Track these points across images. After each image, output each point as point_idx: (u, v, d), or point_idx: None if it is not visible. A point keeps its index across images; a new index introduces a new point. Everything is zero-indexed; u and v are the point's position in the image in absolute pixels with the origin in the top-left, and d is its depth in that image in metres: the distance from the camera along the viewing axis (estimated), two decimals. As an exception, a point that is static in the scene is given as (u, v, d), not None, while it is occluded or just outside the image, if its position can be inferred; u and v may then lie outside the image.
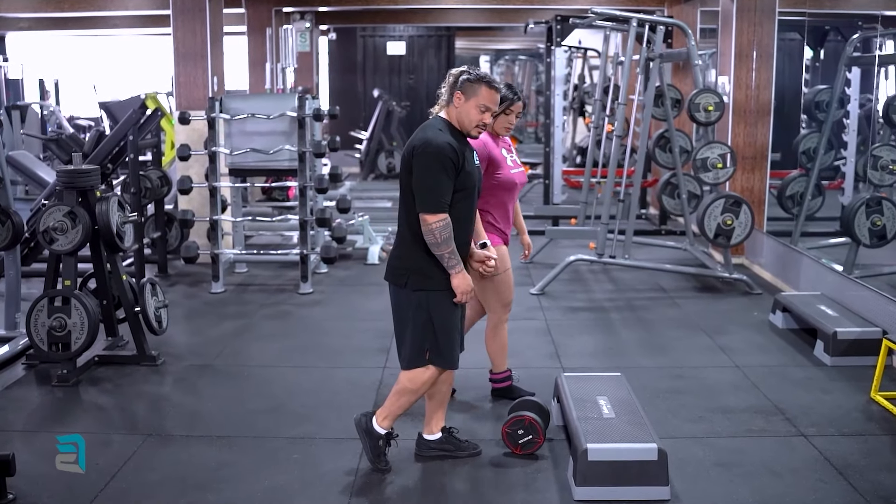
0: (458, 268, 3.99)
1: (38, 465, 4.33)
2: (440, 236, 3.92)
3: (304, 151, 7.71)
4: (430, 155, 3.92)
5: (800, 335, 6.43)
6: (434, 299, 4.05)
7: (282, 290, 7.92)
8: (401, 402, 4.22)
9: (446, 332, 4.10)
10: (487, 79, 4.03)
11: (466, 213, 4.10)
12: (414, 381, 4.16)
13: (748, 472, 4.26)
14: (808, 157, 9.00)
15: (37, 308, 5.50)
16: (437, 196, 3.92)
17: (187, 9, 8.59)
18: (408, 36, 18.04)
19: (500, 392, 5.27)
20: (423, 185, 3.94)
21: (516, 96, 4.95)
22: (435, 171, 3.92)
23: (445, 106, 4.11)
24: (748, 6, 8.41)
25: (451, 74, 4.09)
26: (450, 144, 3.94)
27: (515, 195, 5.05)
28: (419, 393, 4.21)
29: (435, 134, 3.97)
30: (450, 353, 4.14)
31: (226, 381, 5.60)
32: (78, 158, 5.83)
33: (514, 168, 4.99)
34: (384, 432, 4.25)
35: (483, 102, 4.00)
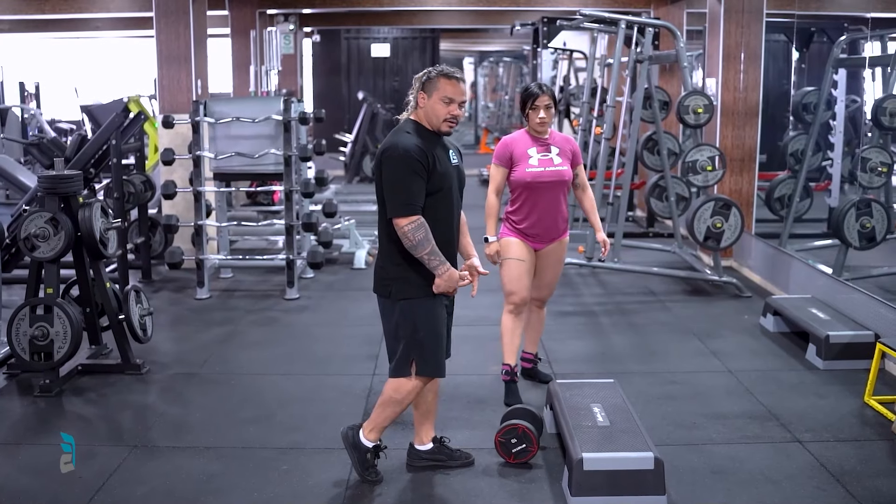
0: (442, 267, 3.90)
1: (20, 479, 4.25)
2: (415, 238, 3.83)
3: (289, 155, 7.62)
4: (396, 158, 3.85)
5: (791, 339, 6.39)
6: (419, 307, 3.98)
7: (268, 295, 7.83)
8: (386, 414, 4.15)
9: (432, 341, 4.03)
10: (444, 71, 3.98)
11: (445, 213, 4.01)
12: (399, 391, 4.08)
13: (745, 480, 4.21)
14: (795, 158, 8.99)
15: (18, 316, 5.39)
16: (407, 198, 3.84)
17: (170, 11, 8.48)
18: (392, 38, 17.98)
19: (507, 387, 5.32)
20: (391, 189, 3.87)
21: (540, 90, 4.98)
22: (403, 174, 3.84)
23: (413, 109, 4.05)
24: (736, 7, 8.37)
25: (415, 79, 4.05)
26: (417, 146, 3.86)
27: (543, 192, 5.03)
28: (404, 403, 4.13)
29: (401, 137, 3.90)
30: (436, 361, 4.07)
31: (212, 390, 5.50)
32: (60, 164, 5.73)
33: (537, 167, 4.99)
34: (371, 445, 4.18)
35: (445, 95, 3.92)
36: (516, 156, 5.04)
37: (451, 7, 13.27)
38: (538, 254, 5.17)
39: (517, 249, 5.09)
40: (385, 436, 4.62)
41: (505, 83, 22.33)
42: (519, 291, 5.12)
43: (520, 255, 5.09)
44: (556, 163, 5.03)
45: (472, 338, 6.31)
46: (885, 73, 8.02)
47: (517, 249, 5.09)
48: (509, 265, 5.10)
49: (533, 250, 5.14)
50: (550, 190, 5.03)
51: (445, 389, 5.24)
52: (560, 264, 5.30)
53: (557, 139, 5.13)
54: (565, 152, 5.09)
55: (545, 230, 5.10)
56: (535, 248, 5.14)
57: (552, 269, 5.26)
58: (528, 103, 4.99)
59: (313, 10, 13.06)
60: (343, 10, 12.97)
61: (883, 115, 7.30)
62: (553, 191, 5.04)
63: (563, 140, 5.16)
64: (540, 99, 4.94)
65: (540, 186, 5.00)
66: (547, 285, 5.32)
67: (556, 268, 5.29)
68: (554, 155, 5.05)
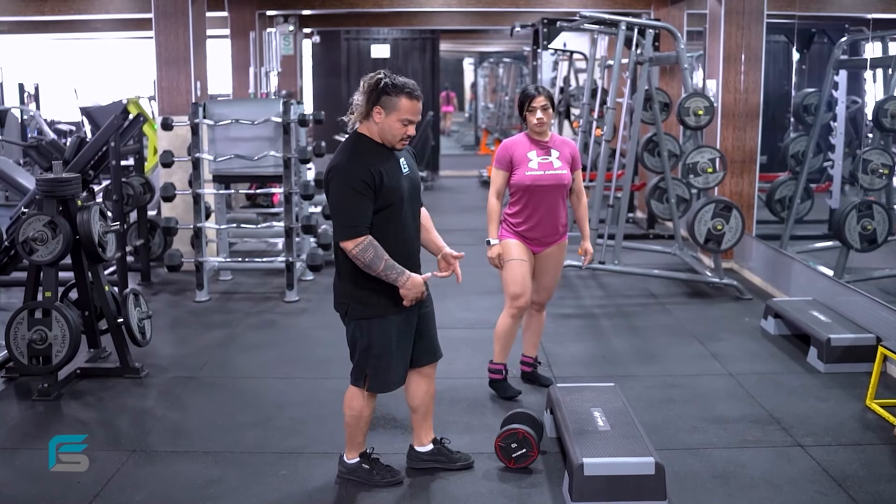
0: (402, 278, 3.80)
1: (18, 484, 4.22)
2: (365, 259, 3.74)
3: (289, 157, 7.59)
4: (339, 179, 3.74)
5: (792, 341, 6.37)
6: (374, 327, 3.94)
7: (267, 298, 7.80)
8: (351, 430, 4.15)
9: (387, 358, 3.99)
10: (407, 89, 3.77)
11: (400, 227, 3.90)
12: (353, 408, 4.09)
13: (746, 485, 4.19)
14: (796, 160, 8.96)
15: (16, 320, 5.37)
16: (351, 221, 3.74)
17: (170, 13, 8.46)
18: (392, 39, 17.92)
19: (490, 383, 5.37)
20: (336, 212, 3.78)
21: (537, 91, 4.97)
22: (345, 196, 3.73)
23: (363, 119, 3.86)
24: (736, 9, 8.35)
25: (367, 83, 3.80)
26: (362, 164, 3.73)
27: (543, 196, 5.01)
28: (364, 416, 4.10)
29: (343, 158, 3.76)
30: (386, 379, 4.04)
31: (211, 394, 5.48)
32: (58, 166, 5.70)
33: (536, 170, 4.97)
34: (358, 460, 4.18)
35: (405, 116, 3.77)
36: (516, 159, 5.03)
37: (451, 8, 13.24)
38: (537, 257, 5.16)
39: (518, 250, 5.08)
40: (384, 440, 4.63)
41: (505, 84, 22.32)
42: (524, 294, 5.10)
43: (521, 255, 5.08)
44: (555, 166, 5.02)
45: (472, 340, 6.30)
46: (886, 74, 8.00)
47: (518, 250, 5.08)
48: (512, 266, 5.08)
49: (532, 253, 5.13)
50: (550, 193, 5.01)
51: (445, 393, 5.24)
52: (559, 268, 5.29)
53: (557, 142, 5.11)
54: (565, 156, 5.08)
55: (544, 233, 5.09)
56: (533, 251, 5.13)
57: (551, 272, 5.24)
58: (525, 105, 4.98)
59: (313, 11, 13.02)
60: (343, 11, 12.93)
61: (884, 116, 7.27)
62: (552, 194, 5.02)
63: (562, 143, 5.14)
64: (536, 100, 4.93)
65: (539, 190, 4.99)
66: (546, 288, 5.29)
67: (555, 271, 5.27)
68: (554, 158, 5.03)
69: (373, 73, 3.85)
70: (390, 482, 4.17)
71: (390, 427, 4.87)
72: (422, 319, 4.09)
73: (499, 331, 5.25)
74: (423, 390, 4.25)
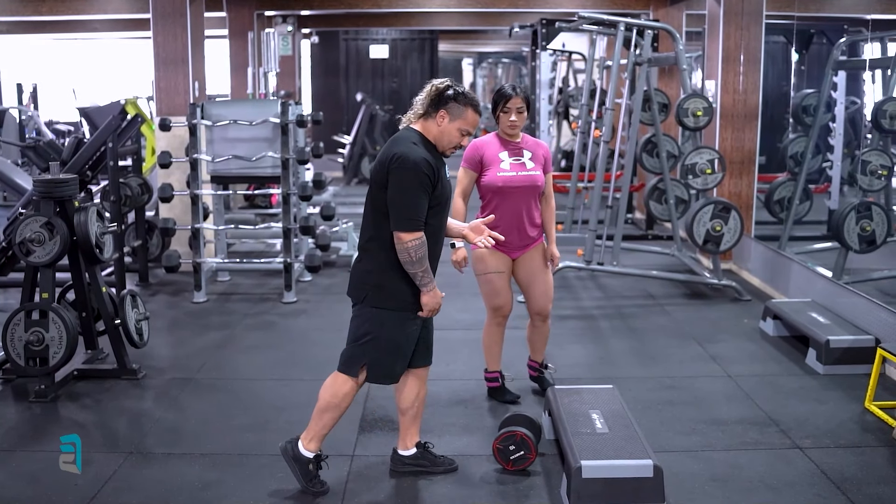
0: (431, 286, 3.89)
1: (14, 487, 4.21)
2: (415, 255, 3.80)
3: (287, 158, 7.58)
4: (407, 171, 3.77)
5: (791, 343, 6.36)
6: (390, 319, 3.95)
7: (265, 299, 7.79)
8: (325, 421, 4.09)
9: (392, 353, 4.01)
10: (475, 102, 3.93)
11: (439, 226, 4.00)
12: (336, 395, 4.05)
13: (745, 488, 4.18)
14: (795, 161, 8.96)
15: (13, 321, 5.35)
16: (414, 214, 3.79)
17: (168, 13, 8.44)
18: (391, 39, 17.93)
19: (488, 391, 5.33)
20: (399, 203, 3.80)
21: (514, 91, 4.84)
22: (412, 189, 3.78)
23: (422, 118, 3.94)
24: (735, 10, 8.34)
25: (435, 87, 3.93)
26: (426, 160, 3.81)
27: (515, 198, 4.88)
28: (342, 407, 4.08)
29: (410, 149, 3.82)
30: (390, 371, 4.06)
31: (209, 396, 5.46)
32: (56, 167, 5.69)
33: (508, 171, 4.86)
34: (312, 456, 4.11)
35: (467, 127, 3.91)
36: (487, 159, 4.89)
37: (450, 8, 13.24)
38: (516, 263, 5.03)
39: (493, 261, 4.95)
40: (382, 441, 4.62)
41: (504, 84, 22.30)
42: (505, 305, 5.06)
43: (497, 266, 4.96)
44: (528, 167, 4.90)
45: (470, 342, 6.28)
46: (886, 75, 8.00)
47: (493, 261, 4.95)
48: (489, 280, 4.98)
49: (509, 259, 5.01)
50: (522, 195, 4.88)
51: (442, 395, 5.23)
52: (546, 272, 5.07)
53: (529, 143, 4.99)
54: (538, 157, 4.96)
55: (516, 237, 4.92)
56: (510, 256, 5.00)
57: (538, 278, 5.05)
58: (499, 105, 4.84)
59: (312, 11, 13.01)
60: (341, 11, 12.92)
61: (883, 117, 7.26)
62: (525, 196, 4.89)
63: (535, 145, 5.01)
64: (512, 101, 4.81)
65: (512, 192, 4.86)
66: (542, 295, 5.09)
67: (543, 276, 5.06)
68: (526, 159, 4.92)
69: (442, 79, 4.00)
70: (318, 491, 4.10)
71: (388, 430, 4.85)
72: (424, 322, 4.11)
73: (485, 340, 5.20)
74: (414, 392, 4.24)
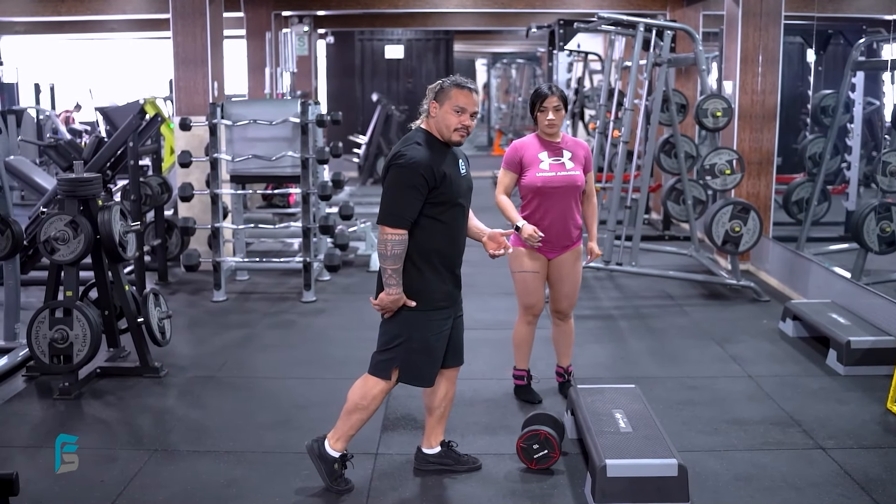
0: (396, 289, 3.89)
1: (42, 483, 4.23)
2: (391, 250, 3.83)
3: (307, 158, 7.60)
4: (400, 168, 3.83)
5: (811, 344, 6.35)
6: (420, 319, 3.97)
7: (284, 298, 7.82)
8: (352, 422, 4.11)
9: (424, 354, 4.02)
10: (457, 81, 3.96)
11: (454, 225, 3.99)
12: (366, 396, 4.06)
13: (769, 488, 4.18)
14: (813, 162, 8.94)
15: (38, 319, 5.39)
16: (400, 210, 3.83)
17: (187, 13, 8.49)
18: (406, 39, 17.95)
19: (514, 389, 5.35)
20: (388, 197, 3.87)
21: (550, 91, 4.86)
22: (403, 186, 3.83)
23: (426, 119, 4.02)
24: (754, 10, 8.33)
25: (429, 89, 4.03)
26: (425, 160, 3.83)
27: (555, 198, 4.88)
28: (370, 409, 4.10)
29: (409, 147, 3.88)
30: (421, 373, 4.07)
31: (231, 394, 5.50)
32: (79, 166, 5.73)
33: (548, 172, 4.87)
34: (338, 455, 4.13)
35: (456, 104, 3.91)
36: (526, 160, 4.92)
37: (466, 9, 13.26)
38: (551, 263, 5.03)
39: (529, 261, 4.98)
40: (404, 440, 4.64)
41: (518, 85, 22.31)
42: (538, 304, 5.09)
43: (532, 266, 4.99)
44: (568, 168, 4.90)
45: (490, 342, 6.29)
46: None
47: (529, 261, 4.98)
48: (524, 278, 5.02)
49: (545, 259, 5.02)
50: (562, 195, 4.88)
51: (465, 394, 5.24)
52: (577, 275, 5.11)
53: (570, 143, 5.00)
54: (578, 157, 4.96)
55: (556, 237, 4.93)
56: (547, 256, 5.01)
57: (569, 279, 5.07)
58: (536, 105, 4.87)
59: (328, 11, 13.05)
60: (357, 11, 12.95)
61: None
62: (565, 196, 4.89)
63: (575, 144, 5.02)
64: (549, 100, 4.83)
65: (551, 192, 4.86)
66: (566, 296, 5.12)
67: (573, 278, 5.09)
68: (566, 160, 4.92)
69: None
70: (343, 490, 4.12)
71: (410, 428, 4.87)
72: (453, 323, 4.13)
73: (515, 339, 5.23)
74: (443, 392, 4.26)
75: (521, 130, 21.00)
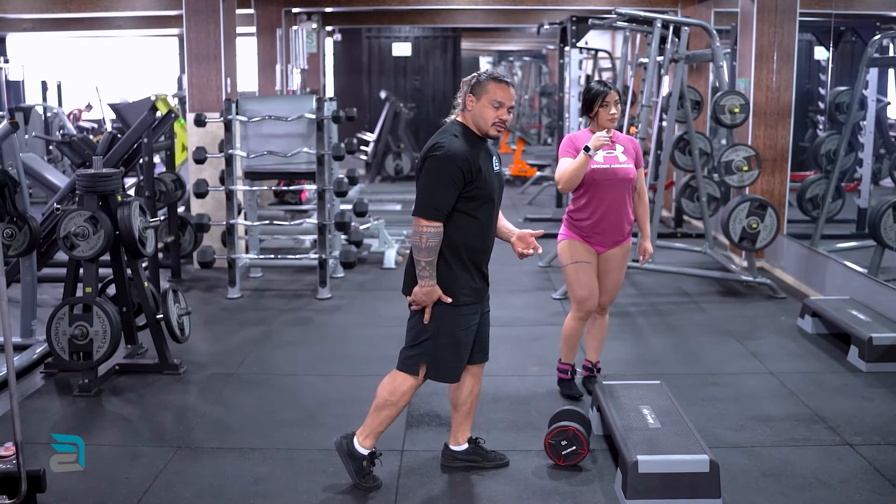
0: (430, 281, 3.85)
1: (66, 480, 4.19)
2: (426, 242, 3.80)
3: (322, 154, 7.58)
4: (438, 160, 3.81)
5: (831, 340, 6.33)
6: (446, 314, 3.93)
7: (299, 295, 7.79)
8: (381, 418, 4.09)
9: (451, 349, 3.99)
10: (494, 75, 3.94)
11: (486, 220, 3.96)
12: (395, 392, 4.04)
13: (798, 484, 4.15)
14: (828, 158, 8.91)
15: (58, 316, 5.36)
16: (437, 203, 3.81)
17: (200, 9, 8.46)
18: (413, 37, 17.91)
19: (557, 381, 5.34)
20: (424, 189, 3.84)
21: (606, 87, 4.89)
22: (440, 178, 3.80)
23: (461, 113, 3.99)
24: (769, 7, 8.30)
25: (463, 82, 4.00)
26: (462, 152, 3.81)
27: (608, 190, 4.88)
28: (400, 405, 4.08)
29: (448, 139, 3.85)
30: (451, 368, 4.04)
31: (251, 391, 5.47)
32: (98, 162, 5.69)
33: (602, 163, 4.86)
34: (367, 452, 4.11)
35: (494, 98, 3.87)
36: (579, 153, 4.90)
37: (475, 6, 13.23)
38: (600, 258, 5.03)
39: (583, 252, 4.98)
40: (429, 437, 4.61)
41: (524, 83, 22.26)
42: (592, 297, 5.05)
43: (586, 257, 4.98)
44: (621, 160, 4.91)
45: (510, 338, 6.27)
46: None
47: (583, 252, 4.98)
48: (577, 269, 4.99)
49: (596, 252, 5.02)
50: (615, 188, 4.89)
51: (488, 391, 5.20)
52: (622, 270, 5.12)
53: (622, 139, 5.01)
54: (629, 151, 4.98)
55: (608, 231, 4.94)
56: (597, 250, 5.01)
57: (614, 273, 5.08)
58: (597, 101, 4.86)
59: (338, 8, 13.03)
60: (367, 8, 12.95)
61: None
62: (617, 189, 4.89)
63: (627, 140, 5.04)
64: (609, 95, 4.84)
65: (604, 183, 4.86)
66: (608, 291, 5.12)
67: (618, 273, 5.11)
68: (619, 153, 4.93)
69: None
70: (370, 487, 4.10)
71: (435, 424, 4.85)
72: (480, 319, 4.11)
73: (565, 332, 5.21)
74: (468, 388, 4.24)
75: (528, 128, 20.97)
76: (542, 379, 5.57)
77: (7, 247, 5.97)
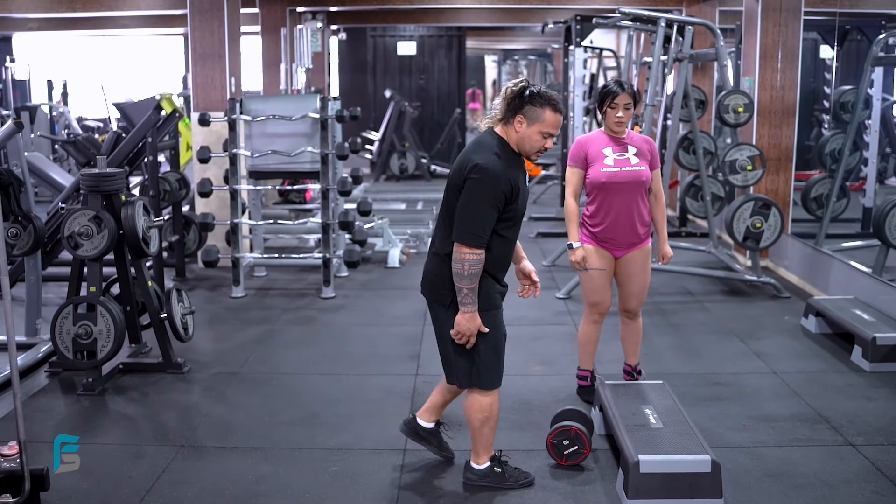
0: (471, 308, 3.75)
1: (69, 479, 4.20)
2: (468, 270, 3.69)
3: (326, 154, 7.59)
4: (484, 184, 3.65)
5: (834, 340, 6.32)
6: (488, 321, 3.86)
7: (303, 294, 7.80)
8: (485, 433, 4.04)
9: (490, 353, 3.95)
10: (553, 101, 3.73)
11: (513, 236, 3.91)
12: (482, 409, 3.98)
13: (801, 484, 4.15)
14: (832, 158, 8.90)
15: (62, 315, 5.38)
16: (481, 230, 3.68)
17: (205, 8, 8.47)
18: (418, 36, 17.90)
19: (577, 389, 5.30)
20: (468, 214, 3.69)
21: (620, 88, 4.81)
22: (485, 203, 3.66)
23: (501, 123, 3.82)
24: (773, 6, 8.27)
25: (510, 90, 3.78)
26: (505, 173, 3.68)
27: (619, 194, 4.82)
28: (494, 416, 4.02)
29: (489, 160, 3.68)
30: (494, 372, 3.99)
31: (255, 390, 5.48)
32: (102, 161, 5.71)
33: (612, 167, 4.80)
34: (489, 463, 4.09)
35: (547, 129, 3.73)
36: (591, 156, 4.84)
37: (480, 5, 13.22)
38: (619, 262, 4.96)
39: (597, 259, 4.93)
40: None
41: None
42: (604, 302, 5.04)
43: (601, 264, 4.93)
44: (633, 163, 4.82)
45: (512, 337, 6.14)
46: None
47: (597, 259, 4.93)
48: (590, 276, 4.95)
49: (612, 257, 4.96)
50: (627, 191, 4.81)
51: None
52: (646, 273, 5.02)
53: (636, 139, 4.92)
54: (643, 153, 4.88)
55: (622, 234, 4.87)
56: (614, 254, 4.95)
57: (638, 277, 5.00)
58: (606, 101, 4.80)
59: (342, 7, 13.03)
60: (372, 7, 12.93)
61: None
62: (630, 192, 4.82)
63: (641, 140, 4.94)
64: (620, 97, 4.76)
65: (615, 187, 4.79)
66: (635, 295, 5.05)
67: (642, 276, 5.00)
68: (631, 155, 4.84)
69: (517, 80, 3.84)
70: (523, 484, 4.09)
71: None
72: None
73: (580, 338, 5.19)
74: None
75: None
76: (545, 378, 5.58)
77: (12, 246, 6.00)
